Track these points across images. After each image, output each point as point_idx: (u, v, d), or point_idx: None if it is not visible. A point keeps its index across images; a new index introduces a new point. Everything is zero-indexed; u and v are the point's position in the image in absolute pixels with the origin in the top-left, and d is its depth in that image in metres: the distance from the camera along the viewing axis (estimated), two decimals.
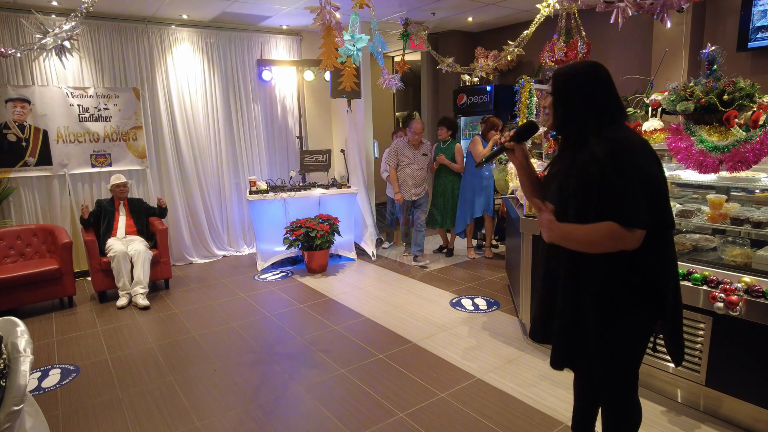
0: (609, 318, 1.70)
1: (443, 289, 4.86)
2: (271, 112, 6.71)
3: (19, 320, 2.12)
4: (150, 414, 2.88)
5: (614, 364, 1.76)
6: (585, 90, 1.71)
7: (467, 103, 7.00)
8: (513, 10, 6.14)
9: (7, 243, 4.72)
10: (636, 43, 5.67)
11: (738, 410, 2.52)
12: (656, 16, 3.05)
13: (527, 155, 1.95)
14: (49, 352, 3.76)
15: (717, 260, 2.72)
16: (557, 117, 1.78)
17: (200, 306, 4.65)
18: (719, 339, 2.53)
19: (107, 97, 5.54)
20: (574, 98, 1.72)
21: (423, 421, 2.71)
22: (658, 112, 3.17)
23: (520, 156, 1.93)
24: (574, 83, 1.73)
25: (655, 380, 2.86)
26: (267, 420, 2.78)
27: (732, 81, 2.67)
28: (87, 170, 5.52)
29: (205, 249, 6.35)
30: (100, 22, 5.40)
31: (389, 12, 5.91)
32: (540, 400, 2.87)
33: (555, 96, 1.77)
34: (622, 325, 1.70)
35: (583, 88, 1.72)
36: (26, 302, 4.47)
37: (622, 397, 1.83)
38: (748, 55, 4.80)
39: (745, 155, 2.47)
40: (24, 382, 1.89)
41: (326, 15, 2.80)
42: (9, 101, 5.04)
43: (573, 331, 1.79)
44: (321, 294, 4.89)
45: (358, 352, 3.58)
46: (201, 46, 6.07)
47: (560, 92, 1.76)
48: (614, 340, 1.72)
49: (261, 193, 5.64)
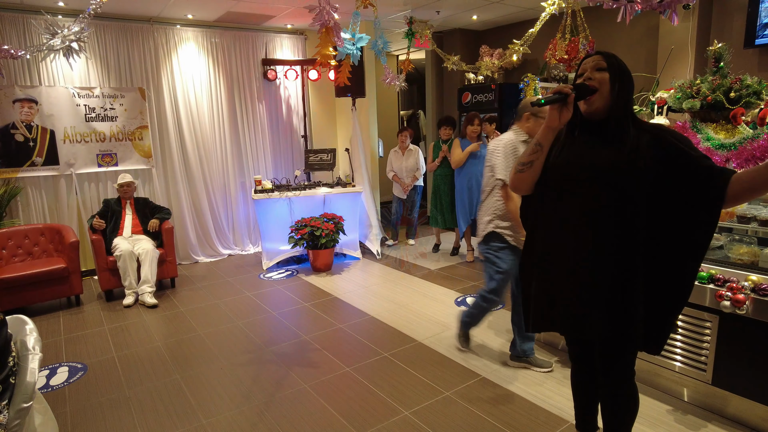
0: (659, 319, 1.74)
1: (448, 288, 4.86)
2: (276, 111, 6.73)
3: (28, 318, 2.14)
4: (156, 412, 2.90)
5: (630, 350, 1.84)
6: (630, 76, 1.76)
7: (472, 102, 6.99)
8: (518, 8, 6.12)
9: (15, 242, 4.76)
10: (642, 40, 5.64)
11: (745, 409, 2.50)
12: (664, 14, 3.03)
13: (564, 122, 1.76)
14: (57, 350, 3.79)
15: (723, 258, 2.71)
16: (612, 94, 1.71)
17: (206, 304, 4.68)
18: (726, 338, 2.52)
19: (113, 97, 5.57)
20: (627, 79, 1.74)
21: (428, 420, 2.71)
22: (664, 110, 3.15)
23: (564, 119, 1.73)
24: (624, 66, 1.75)
25: (661, 379, 2.84)
26: (272, 418, 2.79)
27: (739, 78, 2.66)
28: (93, 170, 5.56)
29: (211, 248, 6.37)
30: (106, 22, 5.43)
31: (393, 10, 5.91)
32: (545, 398, 2.87)
33: (612, 72, 1.72)
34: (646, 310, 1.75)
35: (629, 76, 1.75)
36: (34, 301, 4.51)
37: (625, 379, 1.90)
38: (756, 52, 4.77)
39: (752, 153, 2.45)
40: (33, 380, 1.91)
41: (324, 15, 2.80)
42: (16, 101, 5.08)
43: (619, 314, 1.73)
44: (326, 293, 4.90)
45: (363, 351, 3.59)
46: (206, 46, 6.09)
47: (617, 70, 1.73)
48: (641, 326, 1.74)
49: (266, 192, 5.66)
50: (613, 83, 1.70)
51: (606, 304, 1.73)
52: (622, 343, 1.79)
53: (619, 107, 1.71)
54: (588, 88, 1.73)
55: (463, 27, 7.37)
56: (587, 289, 1.75)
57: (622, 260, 1.70)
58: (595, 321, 1.74)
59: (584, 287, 1.75)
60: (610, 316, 1.73)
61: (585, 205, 1.75)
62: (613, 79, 1.71)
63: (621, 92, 1.71)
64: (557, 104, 1.71)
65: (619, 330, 1.73)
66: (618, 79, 1.71)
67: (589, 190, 1.73)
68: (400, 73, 4.81)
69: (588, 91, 1.73)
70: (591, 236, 1.73)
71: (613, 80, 1.71)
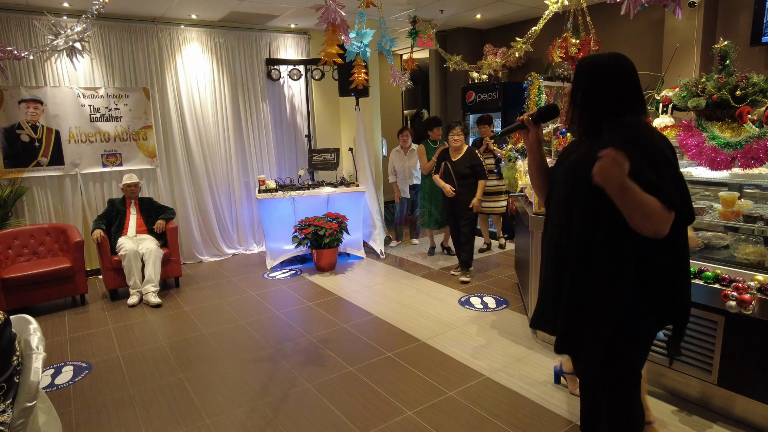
0: (613, 313, 1.62)
1: (452, 288, 4.85)
2: (279, 111, 6.73)
3: (32, 318, 2.15)
4: (160, 411, 2.91)
5: (615, 363, 1.70)
6: (605, 80, 1.68)
7: (476, 101, 6.97)
8: (521, 6, 6.10)
9: (21, 242, 4.79)
10: (647, 38, 5.61)
11: (751, 410, 2.48)
12: (668, 7, 3.00)
13: (539, 140, 1.91)
14: (62, 349, 3.81)
15: (729, 258, 2.69)
16: (575, 105, 1.74)
17: (210, 304, 4.69)
18: (731, 338, 2.50)
19: (118, 97, 5.59)
20: (594, 87, 1.69)
21: (431, 420, 2.71)
22: (668, 109, 3.13)
23: (532, 138, 1.90)
24: (594, 72, 1.70)
25: (666, 379, 2.83)
26: (275, 417, 2.79)
27: (745, 76, 2.63)
28: (98, 170, 5.58)
29: (215, 247, 6.39)
30: (111, 22, 5.45)
31: (397, 9, 5.90)
32: (549, 398, 2.86)
33: (574, 84, 1.75)
34: (626, 323, 1.63)
35: (603, 78, 1.68)
36: (40, 300, 4.54)
37: (621, 398, 1.76)
38: (762, 50, 4.73)
39: (758, 152, 2.43)
40: (36, 379, 1.92)
41: (331, 13, 2.80)
42: (22, 102, 5.11)
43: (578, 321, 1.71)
44: (330, 292, 4.90)
45: (366, 350, 3.59)
46: (210, 46, 6.10)
47: (581, 78, 1.73)
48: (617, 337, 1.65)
49: (270, 191, 5.66)
50: (574, 93, 1.74)
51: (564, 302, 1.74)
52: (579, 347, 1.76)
53: (584, 116, 1.73)
54: (548, 109, 1.88)
55: (467, 26, 7.35)
56: (551, 284, 1.82)
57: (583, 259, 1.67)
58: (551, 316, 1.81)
59: (548, 283, 1.84)
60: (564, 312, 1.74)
61: (558, 205, 1.80)
62: (575, 90, 1.74)
63: (587, 98, 1.71)
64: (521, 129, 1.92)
65: (572, 330, 1.73)
66: (580, 88, 1.72)
67: (561, 190, 1.78)
68: (404, 72, 4.81)
69: (548, 113, 1.88)
70: (557, 234, 1.79)
71: (574, 91, 1.75)
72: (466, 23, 7.17)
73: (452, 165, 4.97)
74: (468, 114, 7.17)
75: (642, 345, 1.72)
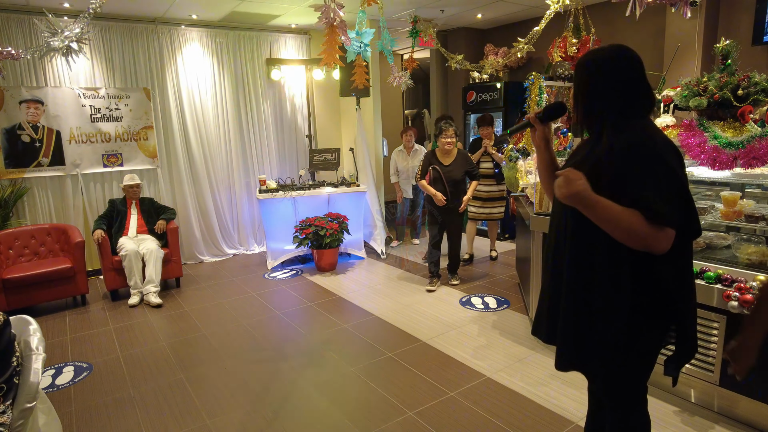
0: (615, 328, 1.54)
1: (452, 288, 4.84)
2: (280, 111, 6.73)
3: (32, 318, 2.15)
4: (161, 411, 2.91)
5: (619, 377, 1.63)
6: (606, 76, 1.58)
7: (477, 101, 6.96)
8: (522, 6, 6.09)
9: (21, 242, 4.79)
10: (649, 38, 5.60)
11: (753, 411, 2.47)
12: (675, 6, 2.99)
13: (547, 138, 1.83)
14: (63, 349, 3.81)
15: (731, 258, 2.68)
16: (576, 108, 1.68)
17: (211, 304, 4.69)
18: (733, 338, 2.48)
19: (118, 98, 5.59)
20: (595, 84, 1.60)
21: (432, 420, 2.70)
22: (670, 108, 3.12)
23: (539, 137, 1.82)
24: (595, 70, 1.60)
25: (667, 380, 2.82)
26: (276, 418, 2.79)
27: (747, 75, 2.62)
28: (99, 170, 5.59)
29: (216, 248, 6.39)
30: (111, 23, 5.45)
31: (398, 9, 5.89)
32: (550, 399, 2.85)
33: (575, 85, 1.68)
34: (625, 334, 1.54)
35: (604, 73, 1.58)
36: (40, 300, 4.54)
37: (627, 410, 1.70)
38: (764, 49, 4.71)
39: (759, 152, 2.42)
40: (36, 380, 1.91)
41: (330, 13, 2.79)
42: (23, 102, 5.11)
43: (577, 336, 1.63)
44: (330, 292, 4.90)
45: (367, 351, 3.58)
46: (210, 46, 6.10)
47: (581, 79, 1.64)
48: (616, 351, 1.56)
49: (271, 191, 5.66)
50: (576, 97, 1.68)
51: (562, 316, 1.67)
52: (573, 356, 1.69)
53: (587, 119, 1.66)
54: (554, 107, 1.80)
55: (468, 25, 7.34)
56: (546, 292, 1.78)
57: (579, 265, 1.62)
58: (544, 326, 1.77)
59: (545, 290, 1.80)
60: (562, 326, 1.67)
61: (558, 207, 1.74)
62: (576, 91, 1.68)
63: (588, 96, 1.63)
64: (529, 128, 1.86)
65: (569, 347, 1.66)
66: (580, 86, 1.65)
67: None
68: (405, 71, 4.80)
69: (555, 111, 1.81)
70: (555, 237, 1.74)
71: (576, 94, 1.68)
72: (466, 23, 7.16)
73: (443, 170, 4.55)
74: (469, 114, 7.16)
75: (644, 359, 1.63)
